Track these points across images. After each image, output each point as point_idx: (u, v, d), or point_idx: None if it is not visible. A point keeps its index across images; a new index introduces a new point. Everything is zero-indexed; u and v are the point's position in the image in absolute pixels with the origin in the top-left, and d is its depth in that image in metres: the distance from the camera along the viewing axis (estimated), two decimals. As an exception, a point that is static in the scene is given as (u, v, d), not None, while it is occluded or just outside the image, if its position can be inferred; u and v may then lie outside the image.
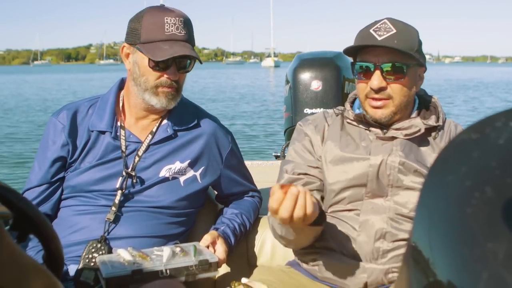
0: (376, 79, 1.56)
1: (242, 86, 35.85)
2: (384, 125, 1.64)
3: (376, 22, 1.59)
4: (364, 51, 1.60)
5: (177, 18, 1.69)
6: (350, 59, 1.68)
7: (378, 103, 1.59)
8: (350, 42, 1.65)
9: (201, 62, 1.79)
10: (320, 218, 1.45)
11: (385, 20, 1.58)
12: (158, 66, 1.69)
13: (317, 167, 1.68)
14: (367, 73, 1.59)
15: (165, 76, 1.70)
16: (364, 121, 1.65)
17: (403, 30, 1.56)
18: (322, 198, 1.69)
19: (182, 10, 1.75)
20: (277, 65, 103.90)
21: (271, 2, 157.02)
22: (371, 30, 1.56)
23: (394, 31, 1.54)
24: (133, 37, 1.72)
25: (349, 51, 1.65)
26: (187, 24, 1.72)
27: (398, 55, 1.54)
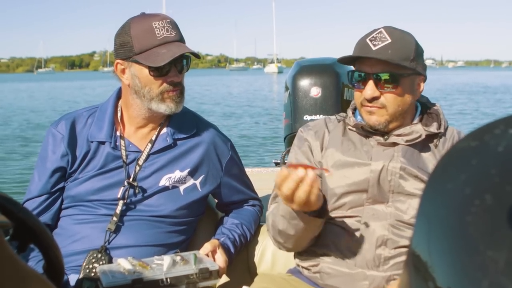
0: (369, 89, 1.57)
1: (244, 93, 35.86)
2: (385, 132, 1.64)
3: (373, 31, 1.60)
4: (360, 60, 1.63)
5: (164, 21, 1.68)
6: (349, 67, 1.70)
7: (373, 109, 1.60)
8: (352, 47, 1.66)
9: (199, 57, 1.79)
10: (322, 211, 1.48)
11: (382, 30, 1.59)
12: (160, 72, 1.69)
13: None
14: (362, 82, 1.61)
15: (168, 80, 1.70)
16: (364, 129, 1.66)
17: (399, 40, 1.57)
18: None
19: (185, 17, 1.75)
20: (280, 71, 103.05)
21: (273, 8, 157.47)
22: (367, 40, 1.58)
23: (389, 40, 1.55)
24: (126, 51, 1.70)
25: (344, 61, 1.67)
26: (174, 24, 1.72)
27: (392, 65, 1.56)
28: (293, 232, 1.56)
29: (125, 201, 1.72)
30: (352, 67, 1.69)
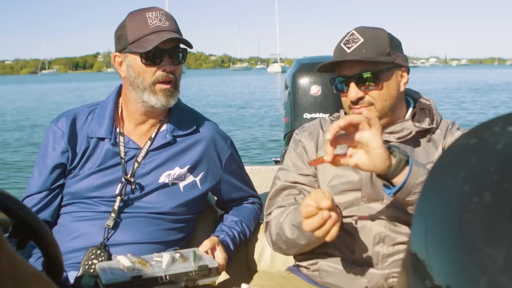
0: (353, 91, 1.59)
1: (246, 92, 35.81)
2: None
3: (346, 35, 1.62)
4: (338, 66, 1.64)
5: (158, 12, 1.71)
6: None
7: (361, 109, 1.60)
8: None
9: (191, 47, 1.78)
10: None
11: (353, 31, 1.61)
12: (151, 61, 1.69)
13: (308, 175, 1.72)
14: (345, 86, 1.62)
15: (160, 69, 1.70)
16: None
17: (371, 37, 1.58)
18: None
19: (188, 17, 1.76)
20: (283, 71, 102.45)
21: (276, 8, 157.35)
22: (341, 44, 1.61)
23: (362, 40, 1.57)
24: (121, 43, 1.73)
25: (324, 70, 1.69)
26: (169, 16, 1.73)
27: (369, 63, 1.57)
28: (305, 241, 1.58)
29: (123, 197, 1.72)
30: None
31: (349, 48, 1.58)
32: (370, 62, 1.56)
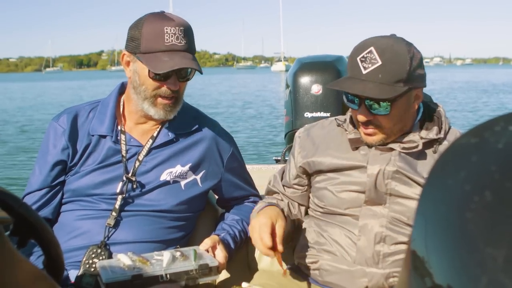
0: (362, 113, 1.54)
1: (249, 91, 35.79)
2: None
3: (363, 48, 1.50)
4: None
5: (177, 28, 1.65)
6: None
7: (369, 131, 1.57)
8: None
9: (201, 73, 1.75)
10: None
11: (372, 49, 1.47)
12: (159, 76, 1.67)
13: (290, 187, 1.81)
14: (356, 99, 1.55)
15: (165, 86, 1.69)
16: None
17: (389, 61, 1.46)
18: (307, 209, 1.83)
19: (193, 15, 1.74)
20: (287, 69, 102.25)
21: (280, 7, 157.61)
22: (358, 59, 1.49)
23: (379, 63, 1.46)
24: (133, 45, 1.69)
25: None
26: (187, 32, 1.68)
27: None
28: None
29: (124, 195, 1.72)
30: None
31: (365, 68, 1.48)
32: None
